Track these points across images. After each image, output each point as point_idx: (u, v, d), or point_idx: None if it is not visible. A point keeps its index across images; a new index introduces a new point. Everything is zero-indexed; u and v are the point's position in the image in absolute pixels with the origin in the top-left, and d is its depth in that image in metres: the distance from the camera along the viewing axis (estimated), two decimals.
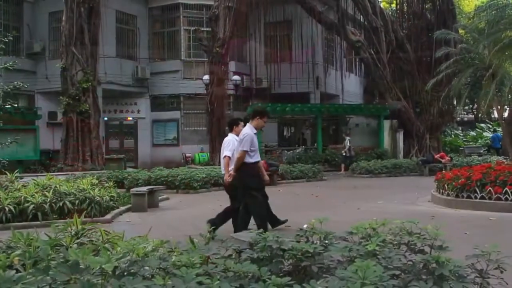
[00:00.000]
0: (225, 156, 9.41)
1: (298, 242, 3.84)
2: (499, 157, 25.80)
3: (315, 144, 28.30)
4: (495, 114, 20.94)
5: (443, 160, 23.39)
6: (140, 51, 31.47)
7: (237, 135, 9.42)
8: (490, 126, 39.70)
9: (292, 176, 21.30)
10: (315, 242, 3.89)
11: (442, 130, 32.90)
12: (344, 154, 25.49)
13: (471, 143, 36.86)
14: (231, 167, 9.19)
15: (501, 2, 13.82)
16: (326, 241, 3.87)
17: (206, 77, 27.61)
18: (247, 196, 8.83)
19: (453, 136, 39.01)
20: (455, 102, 31.16)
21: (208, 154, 27.93)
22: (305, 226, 4.19)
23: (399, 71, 30.17)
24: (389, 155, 27.70)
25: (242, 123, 9.87)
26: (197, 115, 31.25)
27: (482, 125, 42.39)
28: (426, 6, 32.08)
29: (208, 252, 3.56)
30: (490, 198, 11.98)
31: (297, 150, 28.15)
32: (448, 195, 13.05)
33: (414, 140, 28.95)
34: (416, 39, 30.15)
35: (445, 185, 13.25)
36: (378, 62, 29.12)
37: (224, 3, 27.35)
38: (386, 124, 29.07)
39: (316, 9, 29.75)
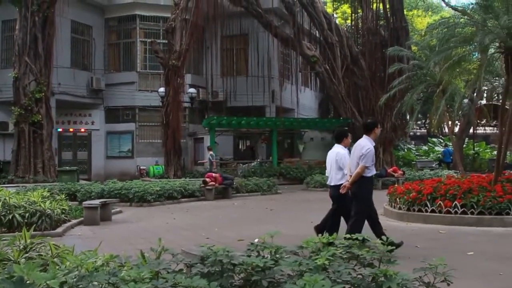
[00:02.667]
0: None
1: (249, 256, 3.85)
2: (450, 171, 26.33)
3: (270, 158, 28.42)
4: (446, 129, 21.37)
5: (396, 174, 23.74)
6: (96, 62, 31.17)
7: (346, 147, 9.47)
8: (442, 141, 40.49)
9: (247, 190, 21.32)
10: (266, 256, 3.91)
11: (395, 145, 33.44)
12: (207, 169, 25.02)
13: (423, 157, 37.50)
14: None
15: (451, 21, 14.15)
16: (277, 255, 3.89)
17: (162, 89, 27.50)
18: (359, 207, 8.74)
19: (406, 150, 39.65)
20: (408, 117, 31.74)
21: (163, 166, 27.74)
22: (256, 240, 4.21)
23: (354, 86, 30.64)
24: None
25: (350, 135, 9.86)
26: (152, 128, 31.06)
27: (434, 139, 43.22)
28: (380, 23, 32.73)
29: (158, 266, 3.54)
30: (440, 212, 12.21)
31: (252, 164, 28.21)
32: (399, 208, 13.25)
33: None
34: (370, 55, 30.66)
35: (397, 199, 13.46)
36: (333, 77, 29.52)
37: (181, 16, 27.35)
38: None
39: (272, 23, 29.99)
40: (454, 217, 11.88)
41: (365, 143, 8.64)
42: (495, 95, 31.79)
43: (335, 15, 39.03)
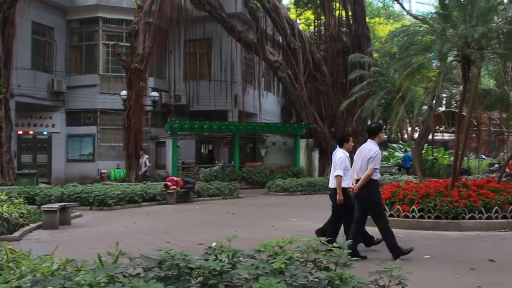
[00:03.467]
0: (337, 176, 9.27)
1: (207, 260, 3.87)
2: (409, 176, 26.71)
3: (232, 162, 28.44)
4: (406, 135, 21.72)
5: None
6: (57, 64, 30.71)
7: (348, 151, 9.65)
8: (402, 146, 41.07)
9: (209, 194, 21.30)
10: (223, 260, 3.94)
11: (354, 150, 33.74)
12: (142, 173, 25.40)
13: (383, 162, 37.89)
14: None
15: (411, 29, 14.39)
16: (234, 259, 3.92)
17: (124, 92, 27.25)
18: (374, 209, 9.04)
19: None
20: (369, 123, 32.11)
21: (124, 170, 27.50)
22: (214, 244, 4.24)
23: (316, 91, 30.91)
24: (304, 174, 28.19)
25: (351, 139, 10.09)
26: (113, 131, 30.74)
27: (394, 145, 43.82)
28: (343, 30, 33.10)
29: (114, 270, 3.54)
30: (398, 216, 12.41)
31: (214, 168, 28.18)
32: None
33: (329, 159, 29.50)
34: (333, 61, 31.01)
35: None
36: (296, 82, 29.70)
37: (144, 19, 27.19)
38: (302, 143, 29.63)
39: (236, 28, 30.03)
40: (412, 221, 12.09)
41: (372, 147, 8.96)
42: (454, 102, 32.37)
43: (298, 21, 39.25)
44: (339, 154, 9.50)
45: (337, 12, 32.71)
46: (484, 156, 42.27)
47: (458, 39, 12.47)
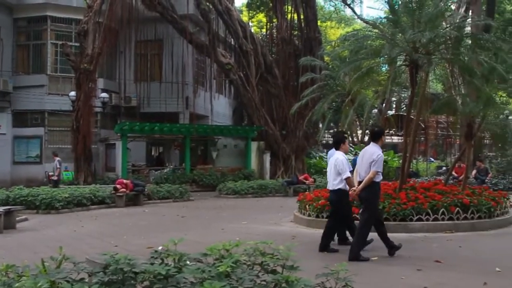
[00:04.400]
0: (348, 178, 9.45)
1: (152, 264, 3.80)
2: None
3: (183, 164, 28.27)
4: (355, 138, 21.99)
5: (307, 182, 24.17)
6: (3, 63, 29.92)
7: (345, 152, 9.95)
8: (353, 149, 41.53)
9: (159, 196, 21.08)
10: (169, 264, 3.88)
11: (307, 152, 34.01)
12: (52, 178, 24.12)
13: None
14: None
15: (362, 33, 14.56)
16: (181, 263, 3.86)
17: (73, 93, 26.77)
18: (368, 211, 9.16)
19: (317, 158, 40.40)
20: (320, 126, 32.40)
21: (73, 173, 27.01)
22: (160, 247, 4.17)
23: (267, 94, 30.98)
24: (256, 176, 28.22)
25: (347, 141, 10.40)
26: (62, 133, 30.14)
27: None
28: (295, 33, 33.26)
29: (57, 276, 3.44)
30: None
31: (165, 170, 27.96)
32: (309, 215, 13.47)
33: (280, 162, 29.73)
34: (284, 64, 31.14)
35: (307, 206, 13.68)
36: (247, 85, 29.72)
37: (94, 19, 26.79)
38: (254, 145, 29.66)
39: (187, 29, 29.86)
40: None
41: (375, 150, 9.17)
42: (403, 105, 32.99)
43: (250, 24, 39.30)
44: (340, 157, 9.70)
45: (289, 15, 32.86)
46: (432, 159, 43.16)
47: (406, 44, 12.68)
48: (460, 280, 7.53)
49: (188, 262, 3.92)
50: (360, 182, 9.14)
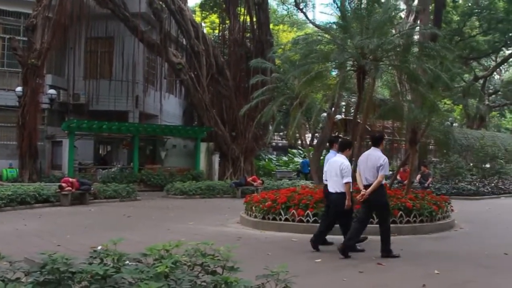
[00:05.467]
0: (347, 183, 9.73)
1: (91, 264, 3.78)
2: (307, 181, 27.30)
3: (131, 164, 27.99)
4: (303, 141, 22.15)
5: (255, 183, 24.25)
6: None
7: (349, 158, 10.40)
8: (302, 152, 41.92)
9: (105, 196, 20.77)
10: (108, 264, 3.86)
11: (256, 154, 34.15)
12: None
13: (282, 167, 38.64)
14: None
15: (313, 38, 14.71)
16: (120, 263, 3.85)
17: (19, 88, 26.20)
18: (384, 214, 9.76)
19: (266, 160, 40.66)
20: (270, 128, 32.57)
21: (17, 170, 26.40)
22: (99, 247, 4.15)
23: (218, 95, 30.97)
24: (204, 177, 28.16)
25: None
26: (7, 129, 29.41)
27: (294, 150, 44.70)
28: (247, 35, 33.33)
29: None
30: (293, 220, 12.64)
31: (113, 169, 27.62)
32: (255, 217, 13.54)
33: (229, 163, 29.75)
34: (236, 66, 31.18)
35: (253, 207, 13.74)
36: (198, 85, 29.62)
37: (43, 13, 26.25)
38: (203, 146, 29.60)
39: (139, 28, 29.56)
40: (307, 226, 12.32)
41: (380, 154, 9.64)
42: (352, 110, 33.40)
43: (203, 24, 39.17)
44: (346, 162, 9.99)
45: (242, 18, 32.92)
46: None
47: (355, 49, 12.89)
48: (400, 282, 7.71)
49: (127, 262, 3.91)
50: (366, 186, 9.54)
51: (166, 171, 27.72)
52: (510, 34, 42.05)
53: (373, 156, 9.62)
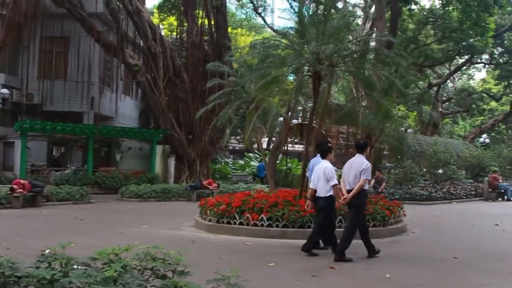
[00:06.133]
0: (335, 185, 9.86)
1: (38, 268, 3.71)
2: (263, 185, 27.38)
3: (85, 166, 27.61)
4: (258, 145, 22.21)
5: (210, 187, 24.19)
6: None
7: (331, 162, 10.49)
8: (258, 156, 42.02)
9: (58, 198, 20.41)
10: (56, 268, 3.79)
11: (212, 158, 34.08)
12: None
13: (239, 171, 38.65)
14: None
15: (270, 42, 14.77)
16: (68, 267, 3.79)
17: None
18: (357, 214, 9.89)
19: (223, 164, 40.63)
20: (227, 131, 32.57)
21: None
22: (47, 251, 4.08)
23: (175, 98, 30.81)
24: (160, 180, 27.97)
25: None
26: None
27: (251, 154, 44.79)
28: (205, 38, 33.27)
29: None
30: (248, 224, 12.63)
31: (66, 171, 27.19)
32: (210, 220, 13.49)
33: (185, 166, 29.62)
34: (193, 69, 31.06)
35: (208, 211, 13.70)
36: (154, 88, 29.44)
37: None
38: (159, 149, 29.41)
39: (95, 28, 29.22)
40: (261, 230, 12.36)
41: (364, 160, 9.97)
42: (308, 115, 33.65)
43: (161, 26, 38.94)
44: (329, 165, 10.18)
45: (200, 20, 32.86)
46: (336, 168, 44.22)
47: (310, 55, 12.98)
48: (352, 285, 7.79)
49: (75, 267, 3.85)
50: (348, 191, 9.82)
51: (121, 174, 27.43)
52: (464, 43, 43.02)
53: (357, 162, 9.96)
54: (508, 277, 8.53)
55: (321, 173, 10.09)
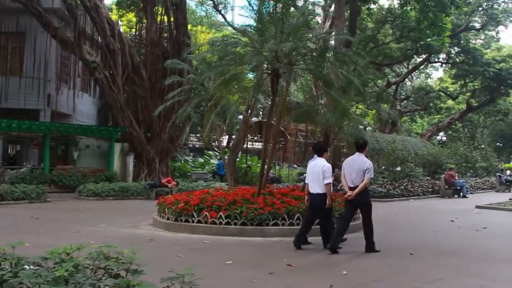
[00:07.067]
0: (329, 183, 10.54)
1: None
2: (222, 183, 27.33)
3: (42, 164, 27.13)
4: (217, 143, 22.15)
5: (169, 185, 24.05)
6: None
7: (327, 160, 11.06)
8: (218, 154, 41.95)
9: (14, 197, 19.93)
10: (6, 268, 3.71)
11: (172, 156, 33.87)
12: None
13: (198, 169, 38.53)
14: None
15: (230, 39, 14.73)
16: (18, 267, 3.71)
17: None
18: (368, 212, 10.55)
19: (182, 162, 40.43)
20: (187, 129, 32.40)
21: None
22: None
23: (134, 95, 30.48)
24: (118, 178, 27.66)
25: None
26: None
27: (211, 152, 44.70)
28: (164, 35, 33.02)
29: None
30: (206, 222, 12.61)
31: (22, 170, 26.67)
32: (168, 219, 13.42)
33: (144, 164, 29.36)
34: (152, 66, 30.76)
35: (166, 209, 13.63)
36: (113, 85, 29.07)
37: None
38: (117, 147, 29.07)
39: (52, 24, 28.70)
40: (219, 228, 12.35)
41: (365, 159, 10.51)
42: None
43: (120, 23, 38.49)
44: (327, 164, 10.79)
45: (159, 17, 32.59)
46: (295, 166, 44.57)
47: (269, 53, 13.00)
48: (308, 283, 7.82)
49: (26, 267, 3.77)
50: (351, 188, 10.37)
51: (79, 172, 27.02)
52: (421, 43, 43.70)
53: (359, 161, 10.44)
54: (462, 272, 8.71)
55: (319, 171, 10.57)
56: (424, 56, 49.82)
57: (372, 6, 38.71)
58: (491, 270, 9.01)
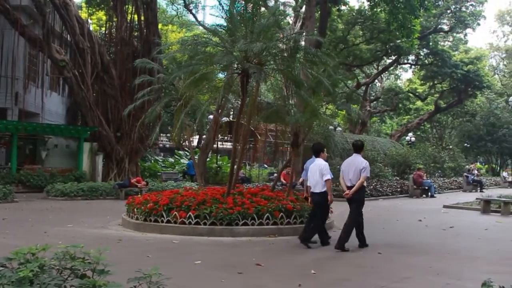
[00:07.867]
0: (328, 180, 10.99)
1: None
2: (193, 183, 27.26)
3: (9, 164, 26.73)
4: (187, 142, 22.04)
5: (139, 185, 23.91)
6: None
7: (324, 160, 11.61)
8: (188, 154, 41.82)
9: None
10: None
11: (142, 155, 33.65)
12: None
13: (169, 169, 38.37)
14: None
15: (200, 39, 14.70)
16: None
17: None
18: (358, 208, 10.96)
19: (152, 161, 40.23)
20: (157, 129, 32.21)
21: None
22: None
23: (103, 94, 30.20)
24: (87, 178, 27.40)
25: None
26: None
27: (181, 152, 44.56)
28: (134, 34, 32.79)
29: None
30: (175, 222, 12.60)
31: None
32: (137, 219, 13.36)
33: (114, 164, 29.10)
34: (122, 65, 30.50)
35: (135, 209, 13.56)
36: (82, 84, 28.76)
37: None
38: (86, 146, 28.79)
39: (20, 21, 28.28)
40: (188, 228, 12.34)
41: (362, 159, 11.01)
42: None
43: (89, 21, 38.12)
44: (324, 163, 11.30)
45: (129, 16, 32.32)
46: (266, 166, 44.69)
47: (239, 53, 13.01)
48: (277, 282, 7.85)
49: None
50: (349, 187, 10.84)
51: (47, 172, 26.70)
52: (391, 44, 44.11)
53: (356, 161, 10.93)
54: (429, 270, 8.83)
55: (317, 170, 11.04)
56: (393, 58, 50.25)
57: (343, 7, 39.02)
58: (457, 268, 9.16)
